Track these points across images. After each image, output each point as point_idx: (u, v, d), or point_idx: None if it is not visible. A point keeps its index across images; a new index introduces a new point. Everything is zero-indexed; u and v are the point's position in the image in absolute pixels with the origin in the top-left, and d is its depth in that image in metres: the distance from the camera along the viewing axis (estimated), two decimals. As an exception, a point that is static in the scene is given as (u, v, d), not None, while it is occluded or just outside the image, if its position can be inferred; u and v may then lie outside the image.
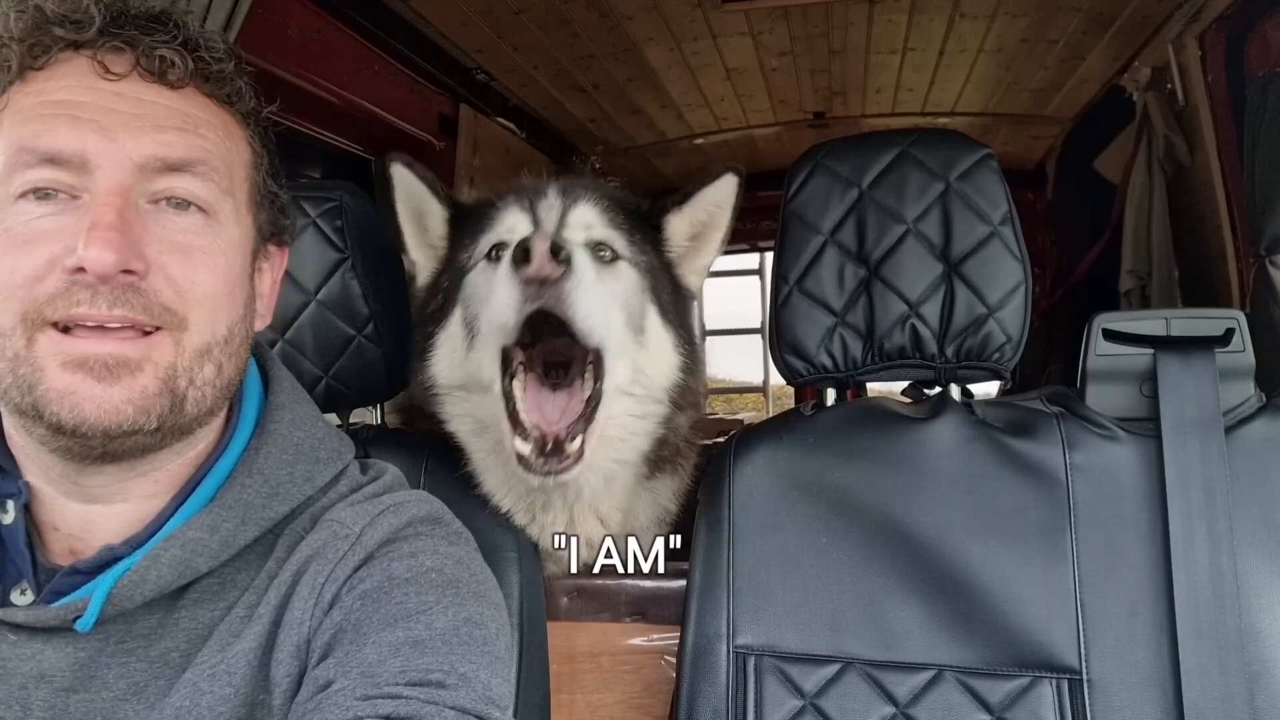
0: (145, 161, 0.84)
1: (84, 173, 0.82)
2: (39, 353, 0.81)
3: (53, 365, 0.81)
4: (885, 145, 1.38)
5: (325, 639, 0.84)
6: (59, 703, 0.85)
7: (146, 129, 0.84)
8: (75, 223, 0.81)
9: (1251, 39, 2.38)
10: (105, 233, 0.80)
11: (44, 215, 0.82)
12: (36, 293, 0.80)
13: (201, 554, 0.87)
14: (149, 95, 0.86)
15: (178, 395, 0.86)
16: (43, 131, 0.82)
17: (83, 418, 0.81)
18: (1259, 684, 1.16)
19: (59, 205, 0.82)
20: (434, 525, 0.96)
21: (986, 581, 1.23)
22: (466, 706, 0.78)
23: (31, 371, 0.81)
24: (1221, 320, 1.28)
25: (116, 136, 0.83)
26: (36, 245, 0.81)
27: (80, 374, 0.81)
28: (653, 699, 1.51)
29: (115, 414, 0.82)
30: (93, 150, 0.82)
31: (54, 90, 0.84)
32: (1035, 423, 1.31)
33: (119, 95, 0.84)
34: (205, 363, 0.88)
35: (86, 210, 0.82)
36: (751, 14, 2.87)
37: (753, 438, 1.37)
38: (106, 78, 0.84)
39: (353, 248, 1.42)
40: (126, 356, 0.82)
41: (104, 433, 0.82)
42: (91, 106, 0.83)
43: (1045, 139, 4.03)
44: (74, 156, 0.82)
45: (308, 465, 0.96)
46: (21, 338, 0.81)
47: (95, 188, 0.82)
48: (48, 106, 0.83)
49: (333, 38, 2.51)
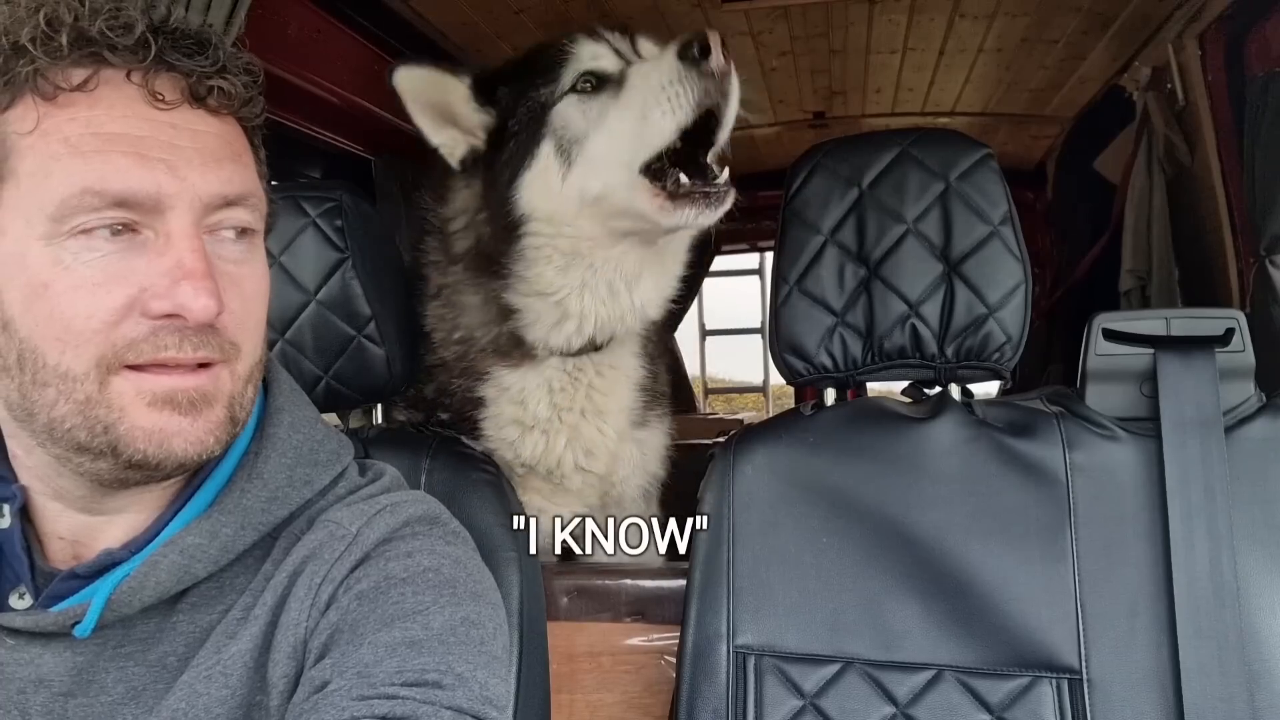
0: (211, 200, 0.83)
1: (154, 213, 0.80)
2: (116, 392, 0.80)
3: (137, 404, 0.81)
4: (885, 145, 1.38)
5: (322, 639, 0.84)
6: (57, 707, 0.85)
7: (209, 165, 0.83)
8: (148, 263, 0.80)
9: (1251, 39, 2.38)
10: (203, 281, 0.79)
11: (111, 254, 0.79)
12: (114, 337, 0.79)
13: (201, 560, 0.87)
14: (200, 125, 0.84)
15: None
16: (110, 174, 0.78)
17: (170, 452, 0.82)
18: (1259, 684, 1.16)
19: (125, 243, 0.80)
20: (431, 525, 0.96)
21: (986, 581, 1.23)
22: (463, 706, 0.78)
23: (108, 412, 0.80)
24: (1221, 320, 1.28)
25: (185, 175, 0.81)
26: (111, 288, 0.79)
27: (168, 410, 0.82)
28: (653, 699, 1.51)
29: (199, 445, 0.83)
30: (166, 192, 0.80)
31: (104, 120, 0.79)
32: (1035, 423, 1.31)
33: (175, 128, 0.82)
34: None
35: (160, 250, 0.80)
36: (751, 14, 2.86)
37: (753, 438, 1.37)
38: (159, 106, 0.81)
39: (353, 248, 1.42)
40: (206, 389, 0.84)
41: (182, 463, 0.83)
42: (153, 142, 0.80)
43: (1045, 139, 4.03)
44: (147, 200, 0.79)
45: (307, 469, 0.96)
46: (95, 382, 0.80)
47: (169, 230, 0.80)
48: (105, 141, 0.78)
49: (333, 38, 2.51)
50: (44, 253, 0.78)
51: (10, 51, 0.79)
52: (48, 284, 0.78)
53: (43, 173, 0.78)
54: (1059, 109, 3.63)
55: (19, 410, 0.83)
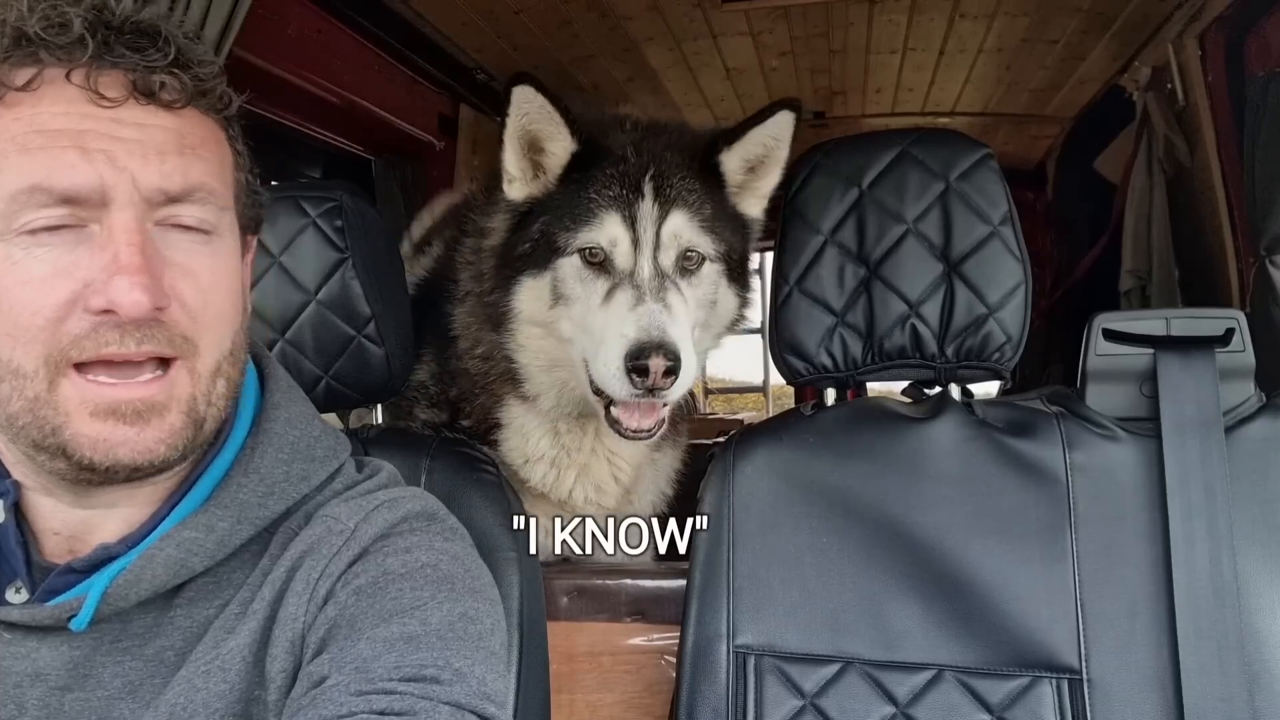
0: (152, 194, 0.82)
1: (99, 207, 0.80)
2: (63, 397, 0.81)
3: (80, 413, 0.81)
4: (885, 145, 1.38)
5: (320, 634, 0.84)
6: (54, 701, 0.85)
7: (150, 157, 0.82)
8: (91, 257, 0.80)
9: (1251, 39, 2.38)
10: (136, 275, 0.79)
11: (55, 248, 0.80)
12: (60, 334, 0.79)
13: (197, 554, 0.87)
14: (148, 119, 0.83)
15: (199, 421, 0.87)
16: (56, 169, 0.78)
17: (117, 460, 0.82)
18: (1259, 684, 1.16)
19: (70, 238, 0.80)
20: (429, 521, 0.96)
21: (986, 581, 1.23)
22: (461, 702, 0.78)
23: (55, 415, 0.81)
24: (1221, 320, 1.28)
25: (126, 167, 0.81)
26: (54, 283, 0.79)
27: (112, 421, 0.81)
28: (653, 699, 1.51)
29: (149, 454, 0.83)
30: (108, 184, 0.80)
31: (47, 117, 0.80)
32: (1035, 423, 1.31)
33: (118, 122, 0.81)
34: (217, 381, 0.88)
35: (102, 244, 0.80)
36: (751, 14, 2.87)
37: (753, 438, 1.37)
38: (102, 104, 0.81)
39: (353, 248, 1.42)
40: (154, 400, 0.83)
41: (133, 469, 0.83)
42: (95, 135, 0.80)
43: (1045, 139, 4.03)
44: (91, 193, 0.79)
45: (304, 464, 0.96)
46: (44, 380, 0.80)
47: (112, 223, 0.80)
48: (48, 137, 0.79)
49: (333, 38, 2.51)
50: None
51: None
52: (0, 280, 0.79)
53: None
54: (1059, 109, 3.64)
55: None
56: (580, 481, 1.57)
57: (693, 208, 1.39)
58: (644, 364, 1.26)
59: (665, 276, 1.35)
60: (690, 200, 1.39)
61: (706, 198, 1.41)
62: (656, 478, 1.69)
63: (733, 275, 1.45)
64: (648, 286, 1.33)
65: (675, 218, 1.37)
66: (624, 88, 3.44)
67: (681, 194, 1.38)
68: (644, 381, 1.26)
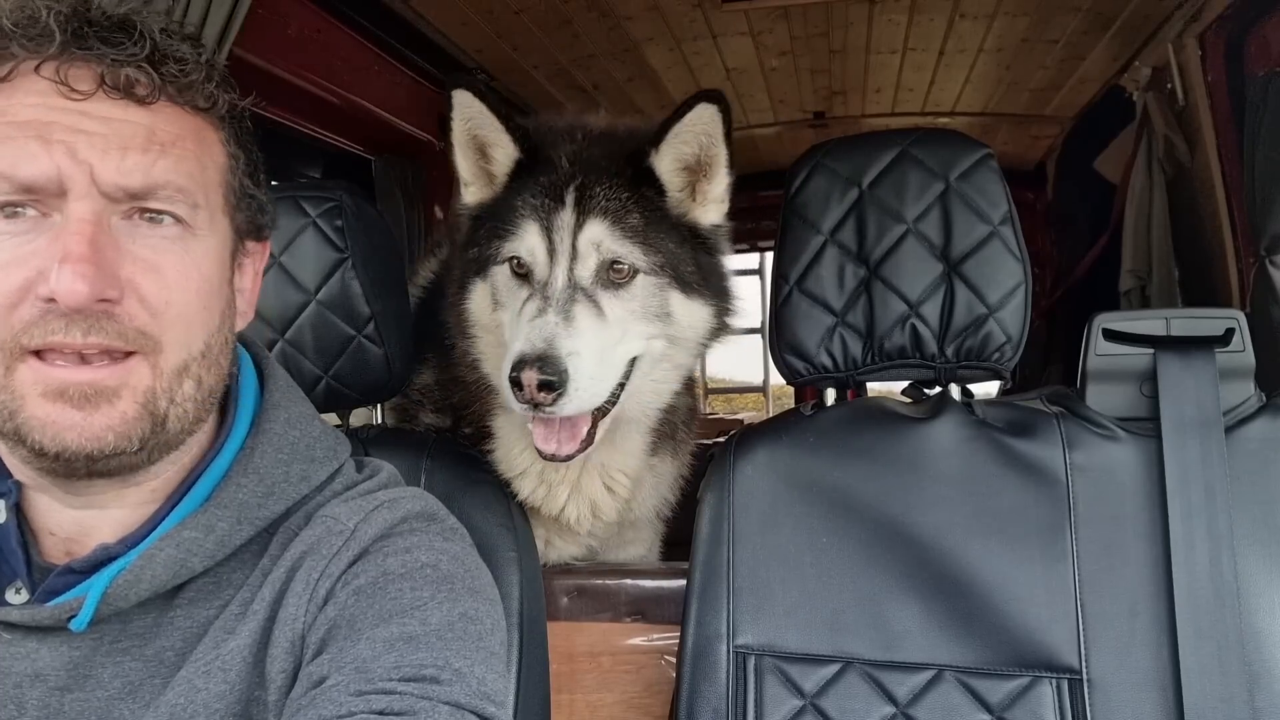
0: (110, 189, 0.82)
1: (58, 197, 0.81)
2: (18, 381, 0.81)
3: (33, 394, 0.81)
4: (885, 145, 1.38)
5: (320, 634, 0.84)
6: (54, 702, 0.85)
7: (111, 151, 0.82)
8: (48, 245, 0.80)
9: (1251, 39, 2.38)
10: (77, 265, 0.78)
11: (13, 235, 0.80)
12: (13, 320, 0.80)
13: (197, 554, 0.87)
14: (116, 113, 0.83)
15: (158, 416, 0.85)
16: (18, 159, 0.79)
17: (64, 444, 0.82)
18: (1259, 684, 1.16)
19: (29, 224, 0.81)
20: (429, 521, 0.96)
21: (986, 581, 1.23)
22: (461, 701, 0.78)
23: (11, 399, 0.81)
24: (1221, 320, 1.28)
25: (86, 159, 0.81)
26: (10, 270, 0.80)
27: (60, 403, 0.81)
28: (653, 699, 1.51)
29: (96, 440, 0.82)
30: (65, 174, 0.80)
31: (17, 109, 0.81)
32: (1035, 423, 1.31)
33: (84, 114, 0.82)
34: (184, 380, 0.87)
35: (57, 234, 0.80)
36: (751, 14, 2.86)
37: (753, 438, 1.37)
38: (71, 96, 0.81)
39: (353, 247, 1.42)
40: (104, 384, 0.82)
41: (86, 457, 0.82)
42: (59, 127, 0.81)
43: (1045, 139, 4.03)
44: (49, 183, 0.80)
45: (303, 464, 0.96)
46: (0, 366, 0.81)
47: (67, 213, 0.81)
48: (15, 128, 0.80)
49: (333, 38, 2.51)
50: None
51: None
52: None
53: None
54: (1059, 109, 3.64)
55: None
56: (573, 499, 1.52)
57: (616, 216, 1.33)
58: (517, 376, 1.22)
59: (579, 288, 1.30)
60: (613, 209, 1.33)
61: (636, 206, 1.35)
62: (658, 484, 1.65)
63: (688, 287, 1.38)
64: (555, 298, 1.29)
65: (594, 227, 1.31)
66: (624, 88, 3.44)
67: (604, 203, 1.33)
68: (522, 395, 1.23)
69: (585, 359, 1.26)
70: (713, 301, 1.42)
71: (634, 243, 1.33)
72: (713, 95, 1.30)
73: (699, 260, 1.40)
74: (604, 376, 1.30)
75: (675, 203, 1.39)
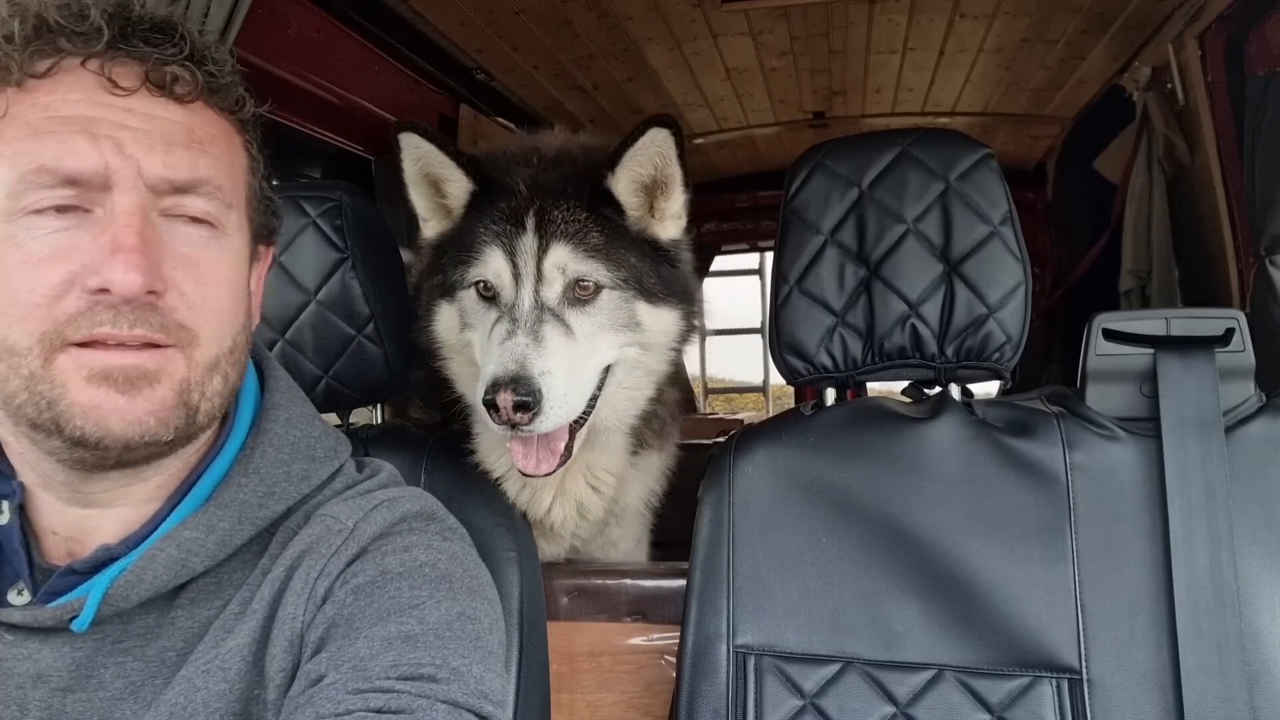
0: (156, 182, 0.84)
1: (101, 190, 0.82)
2: (58, 370, 0.82)
3: (76, 380, 0.82)
4: (885, 145, 1.38)
5: (318, 633, 0.84)
6: (56, 703, 0.85)
7: (157, 147, 0.84)
8: (92, 239, 0.81)
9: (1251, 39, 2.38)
10: (130, 255, 0.80)
11: (59, 230, 0.81)
12: (56, 312, 0.81)
13: (197, 554, 0.87)
14: (158, 110, 0.85)
15: (191, 408, 0.87)
16: (63, 153, 0.81)
17: (107, 429, 0.82)
18: (1259, 684, 1.16)
19: (73, 220, 0.82)
20: (428, 521, 0.96)
21: (986, 581, 1.23)
22: (459, 700, 0.78)
23: (51, 389, 0.82)
24: (1221, 320, 1.28)
25: (132, 154, 0.83)
26: (54, 263, 0.81)
27: (105, 387, 0.82)
28: (653, 699, 1.51)
29: (138, 425, 0.83)
30: (112, 168, 0.82)
31: (62, 104, 0.82)
32: (1035, 422, 1.31)
33: (129, 111, 0.84)
34: (214, 375, 0.89)
35: (103, 227, 0.82)
36: (751, 14, 2.86)
37: (753, 438, 1.37)
38: (115, 93, 0.83)
39: (353, 247, 1.43)
40: (146, 368, 0.84)
41: (125, 444, 0.83)
42: (105, 122, 0.82)
43: (1045, 139, 4.03)
44: (95, 177, 0.82)
45: (304, 464, 0.96)
46: (39, 357, 0.81)
47: (113, 206, 0.82)
48: (60, 123, 0.82)
49: (333, 38, 2.51)
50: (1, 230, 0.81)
51: None
52: (1, 260, 0.81)
53: (8, 154, 0.81)
54: (1059, 109, 3.64)
55: None
56: (559, 501, 1.53)
57: (577, 237, 1.36)
58: (492, 399, 1.24)
59: (546, 309, 1.33)
60: (574, 230, 1.36)
61: (596, 225, 1.38)
62: (643, 477, 1.67)
63: (653, 296, 1.41)
64: (524, 320, 1.31)
65: (558, 249, 1.34)
66: (624, 88, 3.44)
67: (565, 225, 1.36)
68: (499, 416, 1.25)
69: (557, 377, 1.28)
70: (679, 306, 1.45)
71: (597, 260, 1.36)
72: (664, 120, 1.34)
73: (661, 272, 1.43)
74: (577, 391, 1.33)
75: (634, 220, 1.42)
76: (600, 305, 1.37)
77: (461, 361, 1.47)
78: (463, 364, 1.47)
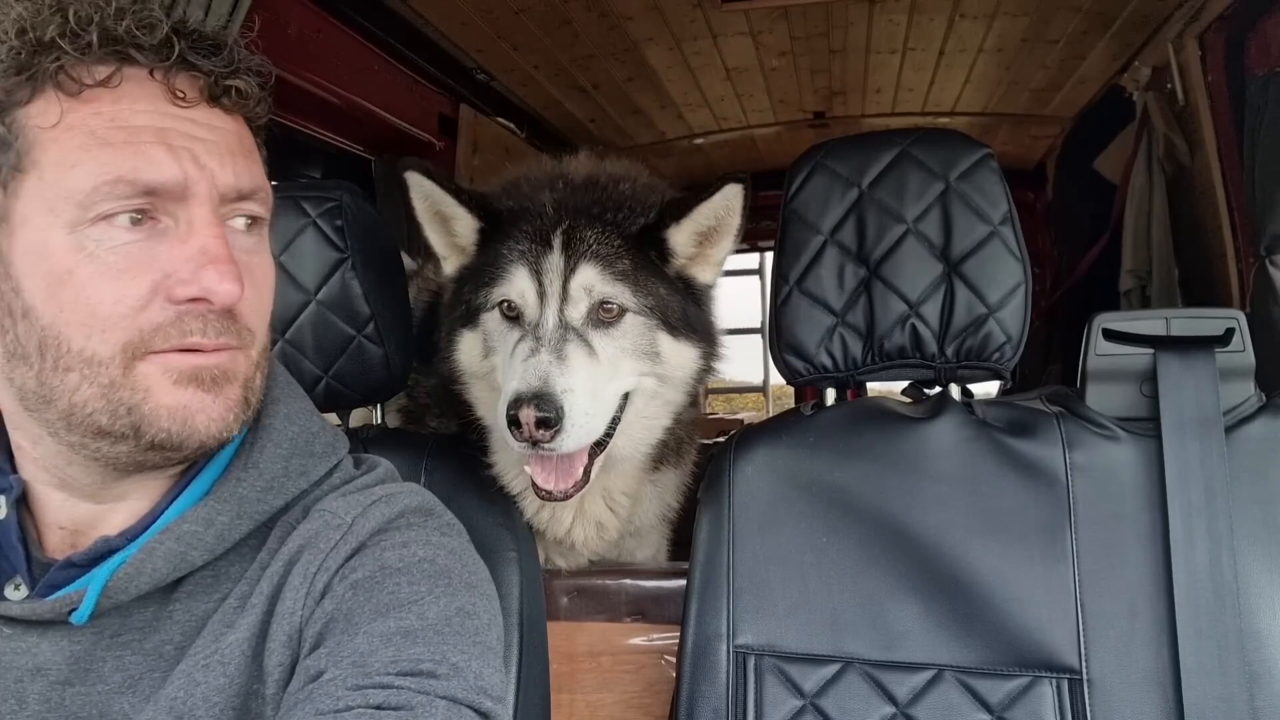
0: (227, 191, 0.86)
1: (178, 201, 0.83)
2: (140, 375, 0.83)
3: (163, 384, 0.83)
4: (885, 145, 1.38)
5: (317, 628, 0.85)
6: (55, 696, 0.85)
7: (226, 158, 0.86)
8: (170, 250, 0.82)
9: (1251, 39, 2.38)
10: (226, 266, 0.83)
11: (135, 242, 0.82)
12: (141, 322, 0.82)
13: (196, 547, 0.88)
14: (215, 121, 0.87)
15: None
16: (142, 164, 0.81)
17: (193, 429, 0.84)
18: (1259, 684, 1.16)
19: (147, 231, 0.82)
20: (426, 516, 0.97)
21: (986, 581, 1.23)
22: (458, 696, 0.78)
23: (133, 394, 0.82)
24: (1221, 320, 1.28)
25: (207, 165, 0.84)
26: (136, 274, 0.81)
27: (192, 388, 0.84)
28: (653, 699, 1.51)
29: (220, 422, 0.86)
30: (191, 179, 0.83)
31: (129, 114, 0.82)
32: (1035, 422, 1.31)
33: (194, 122, 0.85)
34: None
35: (182, 237, 0.83)
36: (751, 14, 2.87)
37: (753, 438, 1.37)
38: (179, 104, 0.84)
39: (353, 248, 1.43)
40: (226, 367, 0.87)
41: (202, 443, 0.85)
42: (176, 133, 0.83)
43: (1045, 139, 4.04)
44: (176, 188, 0.82)
45: (303, 460, 0.97)
46: (119, 366, 0.82)
47: (192, 218, 0.83)
48: (132, 133, 0.81)
49: (333, 38, 2.51)
50: (67, 240, 0.80)
51: (35, 47, 0.81)
52: (71, 270, 0.80)
53: (68, 163, 0.80)
54: (1059, 109, 3.64)
55: (34, 399, 0.84)
56: (579, 521, 1.53)
57: (607, 260, 1.35)
58: (515, 415, 1.24)
59: (570, 328, 1.32)
60: (605, 253, 1.36)
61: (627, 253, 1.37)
62: (661, 494, 1.66)
63: (675, 330, 1.40)
64: (548, 338, 1.31)
65: (586, 270, 1.34)
66: (624, 87, 3.44)
67: (593, 246, 1.35)
68: (521, 433, 1.24)
69: (580, 395, 1.28)
70: (700, 344, 1.44)
71: (624, 284, 1.36)
72: (739, 177, 1.34)
73: (687, 310, 1.42)
74: (599, 412, 1.32)
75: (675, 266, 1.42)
76: (624, 329, 1.36)
77: (483, 387, 1.47)
78: (484, 389, 1.47)
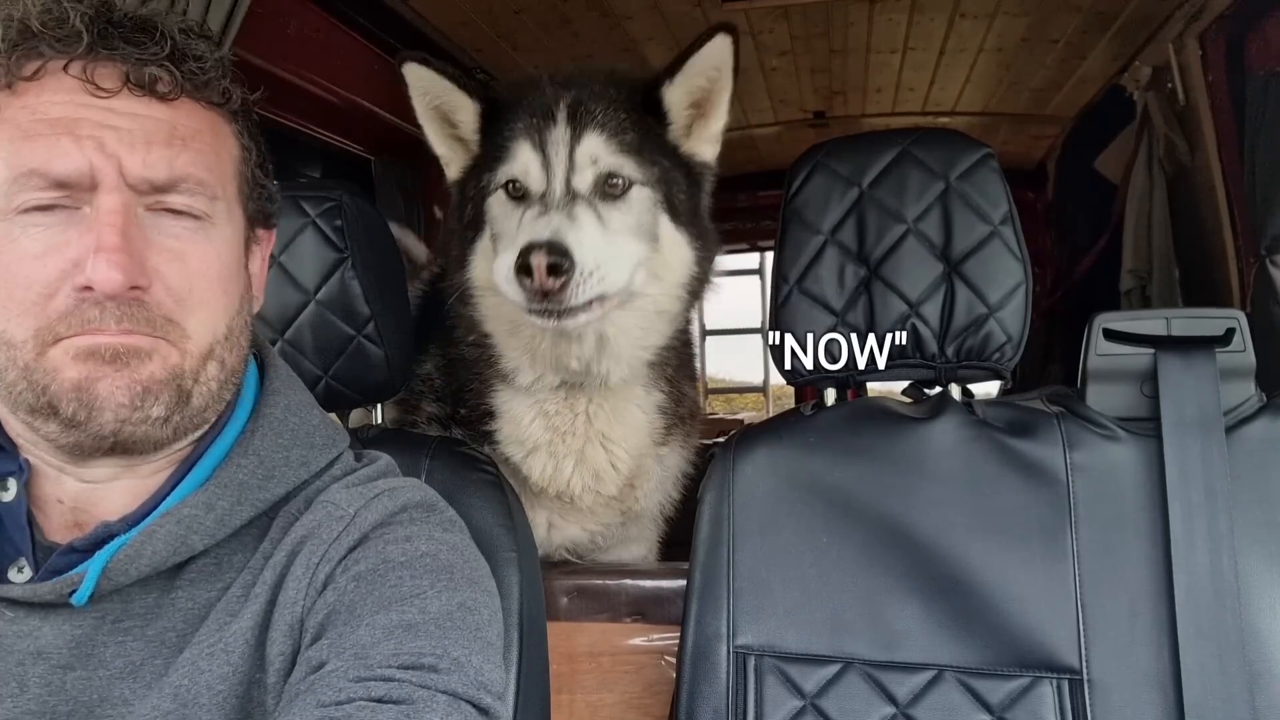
0: (138, 181, 0.86)
1: (89, 190, 0.85)
2: (49, 359, 0.85)
3: (66, 361, 0.84)
4: (885, 145, 1.38)
5: (318, 619, 0.85)
6: (56, 680, 0.85)
7: (138, 146, 0.86)
8: (79, 237, 0.84)
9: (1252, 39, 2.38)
10: (112, 254, 0.83)
11: (49, 227, 0.84)
12: (49, 309, 0.84)
13: (197, 531, 0.88)
14: (140, 109, 0.87)
15: (184, 391, 0.89)
16: (52, 155, 0.83)
17: (97, 399, 0.84)
18: (1259, 684, 1.16)
19: (62, 217, 0.85)
20: (428, 511, 0.97)
21: (986, 581, 1.23)
22: (458, 691, 0.79)
23: (44, 375, 0.85)
24: (1222, 320, 1.28)
25: (114, 154, 0.85)
26: (46, 260, 0.84)
27: (92, 361, 0.84)
28: (653, 699, 1.51)
29: (129, 397, 0.85)
30: (96, 168, 0.84)
31: (48, 106, 0.85)
32: (1035, 422, 1.31)
33: (111, 111, 0.86)
34: (209, 362, 0.91)
35: (89, 225, 0.84)
36: (751, 14, 2.86)
37: (753, 438, 1.37)
38: (97, 94, 0.85)
39: (352, 248, 1.42)
40: (136, 346, 0.86)
41: (114, 416, 0.85)
42: (87, 123, 0.85)
43: (1045, 139, 4.03)
44: (81, 178, 0.84)
45: (302, 450, 0.98)
46: (33, 350, 0.84)
47: (98, 205, 0.85)
48: (46, 125, 0.84)
49: (333, 38, 2.51)
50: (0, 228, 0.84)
51: None
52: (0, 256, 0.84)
53: (3, 157, 0.84)
54: (1059, 109, 3.64)
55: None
56: (578, 470, 1.54)
57: (612, 131, 1.34)
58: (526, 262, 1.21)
59: (578, 196, 1.31)
60: (610, 124, 1.34)
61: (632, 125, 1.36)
62: (664, 478, 1.67)
63: (676, 215, 1.39)
64: (556, 202, 1.29)
65: (591, 139, 1.32)
66: (624, 88, 3.44)
67: (599, 117, 1.34)
68: (532, 284, 1.22)
69: (590, 249, 1.26)
70: (695, 242, 1.44)
71: (629, 155, 1.35)
72: (726, 26, 1.34)
73: (689, 193, 1.42)
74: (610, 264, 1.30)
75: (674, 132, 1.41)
76: (629, 203, 1.35)
77: (493, 302, 1.46)
78: (495, 304, 1.46)
